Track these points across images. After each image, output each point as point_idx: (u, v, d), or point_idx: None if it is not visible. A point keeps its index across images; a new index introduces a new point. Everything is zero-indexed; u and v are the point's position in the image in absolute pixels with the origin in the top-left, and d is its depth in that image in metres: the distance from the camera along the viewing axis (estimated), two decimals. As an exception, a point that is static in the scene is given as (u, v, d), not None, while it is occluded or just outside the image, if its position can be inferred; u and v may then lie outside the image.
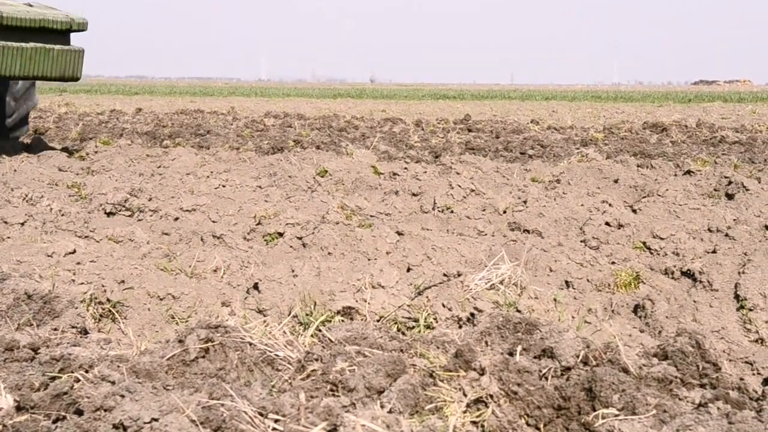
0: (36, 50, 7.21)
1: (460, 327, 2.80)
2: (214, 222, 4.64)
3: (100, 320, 2.93)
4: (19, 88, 8.62)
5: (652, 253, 3.88)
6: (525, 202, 4.82)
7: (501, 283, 2.98)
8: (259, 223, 4.35)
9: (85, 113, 17.69)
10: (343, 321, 2.81)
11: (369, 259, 3.66)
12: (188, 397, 1.87)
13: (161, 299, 3.04)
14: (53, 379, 2.07)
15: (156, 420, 1.77)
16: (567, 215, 4.57)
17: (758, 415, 1.82)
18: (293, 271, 3.18)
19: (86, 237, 3.97)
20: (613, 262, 3.68)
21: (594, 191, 5.52)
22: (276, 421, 1.82)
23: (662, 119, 16.78)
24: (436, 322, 2.86)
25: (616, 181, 5.86)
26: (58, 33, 7.49)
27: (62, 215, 4.42)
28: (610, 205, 4.72)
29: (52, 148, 8.39)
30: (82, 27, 7.66)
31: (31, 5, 7.58)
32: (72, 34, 7.70)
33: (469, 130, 13.87)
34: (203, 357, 2.21)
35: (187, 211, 4.78)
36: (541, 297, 2.97)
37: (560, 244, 3.85)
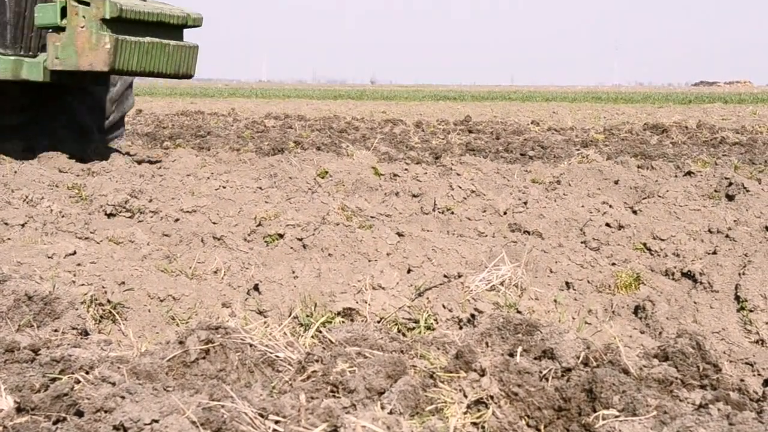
0: (153, 45, 6.92)
1: (461, 328, 2.80)
2: (214, 223, 4.64)
3: (100, 321, 2.93)
4: (117, 90, 8.35)
5: (652, 254, 3.88)
6: (525, 203, 4.82)
7: (501, 284, 2.98)
8: (259, 225, 4.35)
9: (85, 114, 17.67)
10: (343, 322, 2.81)
11: (369, 261, 3.66)
12: (189, 398, 1.87)
13: (162, 300, 3.04)
14: (54, 380, 2.07)
15: (156, 421, 1.77)
16: (567, 216, 4.57)
17: (759, 416, 1.82)
18: (294, 272, 3.18)
19: (87, 238, 3.96)
20: (613, 263, 3.68)
21: (594, 192, 5.52)
22: (276, 422, 1.82)
23: (662, 120, 16.78)
24: (437, 323, 2.86)
25: (616, 182, 5.85)
26: (173, 28, 7.20)
27: (63, 216, 4.42)
28: (610, 206, 4.72)
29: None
30: (197, 23, 7.36)
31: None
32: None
33: (470, 132, 13.88)
34: (204, 358, 2.21)
35: (187, 212, 4.78)
36: (542, 298, 2.97)
37: (560, 245, 3.85)
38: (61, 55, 6.82)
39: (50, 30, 6.94)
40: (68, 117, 8.34)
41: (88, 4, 6.71)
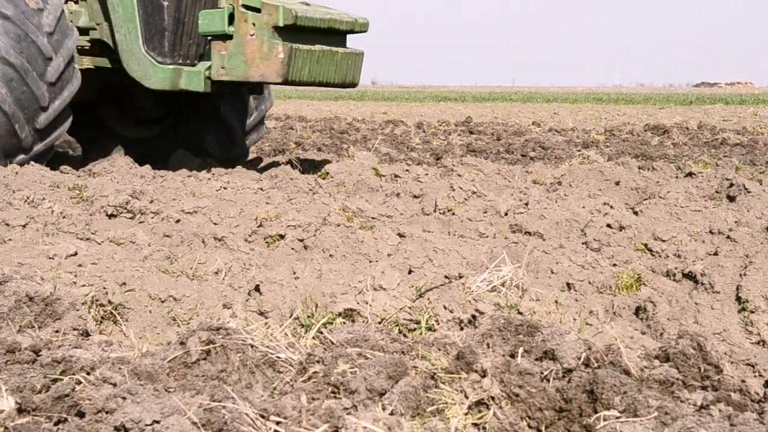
0: (323, 54, 6.42)
1: (462, 329, 2.80)
2: (215, 224, 4.64)
3: (101, 322, 2.93)
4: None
5: (653, 255, 3.88)
6: (526, 204, 4.82)
7: (502, 285, 2.98)
8: (260, 225, 4.35)
9: (86, 115, 17.66)
10: (344, 323, 2.81)
11: (370, 261, 3.66)
12: (190, 399, 1.87)
13: (163, 301, 3.04)
14: (55, 381, 2.07)
15: (157, 422, 1.77)
16: (568, 217, 4.57)
17: (760, 417, 1.82)
18: (294, 273, 3.18)
19: (88, 239, 3.96)
20: (614, 264, 3.67)
21: (595, 193, 5.52)
22: (277, 423, 1.82)
23: (663, 121, 16.77)
24: (438, 324, 2.86)
25: (617, 183, 5.86)
26: (339, 34, 6.69)
27: (64, 217, 4.42)
28: (611, 207, 4.72)
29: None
30: (363, 28, 6.82)
31: (308, 4, 6.64)
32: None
33: (471, 132, 13.88)
34: (205, 359, 2.21)
35: (188, 213, 4.78)
36: (543, 299, 2.97)
37: (561, 246, 3.85)
38: (228, 64, 6.33)
39: (213, 38, 6.45)
40: (214, 120, 7.85)
41: (258, 11, 6.21)
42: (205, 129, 7.91)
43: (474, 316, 2.83)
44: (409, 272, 3.42)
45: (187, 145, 7.77)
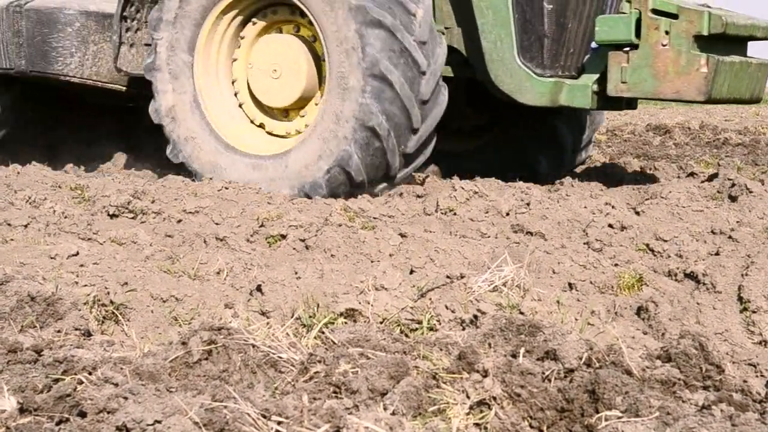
0: (741, 66, 5.51)
1: (463, 329, 2.80)
2: (217, 224, 4.63)
3: (103, 322, 2.93)
4: None
5: (655, 255, 3.88)
6: (528, 204, 4.82)
7: (504, 285, 2.98)
8: (262, 225, 4.35)
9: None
10: (346, 323, 2.81)
11: (372, 261, 3.66)
12: (191, 399, 1.87)
13: (164, 301, 3.04)
14: (56, 381, 2.07)
15: (159, 422, 1.78)
16: (570, 217, 4.57)
17: (761, 417, 1.82)
18: (296, 273, 3.18)
19: (89, 239, 3.97)
20: (616, 264, 3.67)
21: (597, 193, 5.51)
22: (279, 423, 1.82)
23: (665, 121, 16.74)
24: (439, 324, 2.86)
25: (619, 183, 5.85)
26: (742, 41, 5.74)
27: (65, 217, 4.43)
28: (612, 207, 4.71)
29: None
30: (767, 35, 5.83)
31: (709, 6, 5.58)
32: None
33: (472, 133, 13.85)
34: (206, 359, 2.21)
35: (190, 213, 4.78)
36: (544, 299, 2.97)
37: (563, 246, 3.85)
38: (631, 78, 5.46)
39: (609, 47, 5.58)
40: (549, 138, 6.97)
41: (675, 17, 5.34)
42: (537, 147, 7.00)
43: (475, 316, 2.83)
44: (411, 272, 3.42)
45: (511, 163, 6.93)
